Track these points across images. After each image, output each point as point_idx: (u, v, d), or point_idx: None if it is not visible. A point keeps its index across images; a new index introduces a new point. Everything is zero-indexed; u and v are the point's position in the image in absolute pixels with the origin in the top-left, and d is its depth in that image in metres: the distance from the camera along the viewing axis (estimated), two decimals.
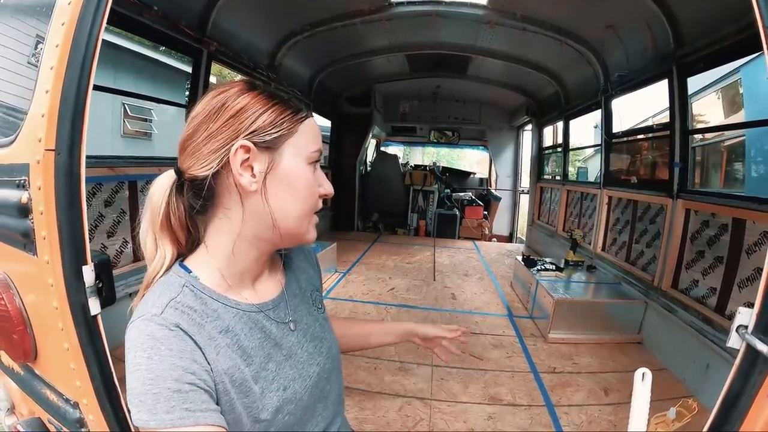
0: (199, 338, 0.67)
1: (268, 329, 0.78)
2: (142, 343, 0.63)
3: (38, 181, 0.88)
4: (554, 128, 6.43)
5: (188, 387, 0.62)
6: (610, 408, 2.35)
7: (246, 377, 0.71)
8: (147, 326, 0.64)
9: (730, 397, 0.78)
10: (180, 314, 0.67)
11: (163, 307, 0.67)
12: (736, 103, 6.92)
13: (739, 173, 6.89)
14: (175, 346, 0.64)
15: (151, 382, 0.61)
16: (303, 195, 0.74)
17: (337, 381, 0.92)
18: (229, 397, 0.69)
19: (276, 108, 0.72)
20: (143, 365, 0.61)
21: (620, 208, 4.08)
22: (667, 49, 3.13)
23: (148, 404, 0.60)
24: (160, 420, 0.60)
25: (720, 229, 2.65)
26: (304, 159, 0.74)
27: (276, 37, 4.50)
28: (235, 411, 0.70)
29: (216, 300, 0.73)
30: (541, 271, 3.85)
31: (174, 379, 0.61)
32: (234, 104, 0.70)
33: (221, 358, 0.69)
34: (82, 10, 0.85)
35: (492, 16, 4.21)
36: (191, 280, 0.73)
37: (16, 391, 1.36)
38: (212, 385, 0.67)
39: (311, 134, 0.76)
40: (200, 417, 0.62)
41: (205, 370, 0.66)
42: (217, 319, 0.71)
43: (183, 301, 0.69)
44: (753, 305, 0.77)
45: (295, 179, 0.74)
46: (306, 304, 0.89)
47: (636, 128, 5.35)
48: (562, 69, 5.15)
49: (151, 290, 0.71)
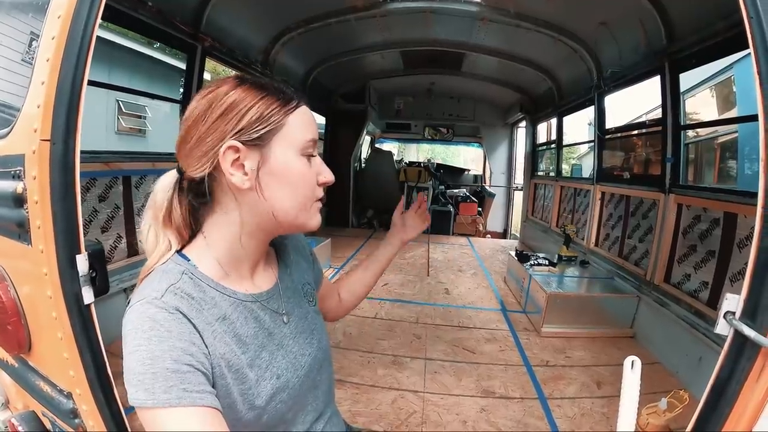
0: (198, 322, 0.68)
1: (262, 319, 0.79)
2: (142, 324, 0.64)
3: (33, 171, 0.89)
4: (548, 125, 6.47)
5: (186, 368, 0.63)
6: (603, 401, 2.37)
7: (242, 364, 0.73)
8: (147, 309, 0.65)
9: (719, 383, 0.80)
10: (179, 299, 0.68)
11: (163, 291, 0.68)
12: (729, 100, 6.95)
13: (732, 170, 6.93)
14: (175, 328, 0.65)
15: (150, 362, 0.61)
16: (298, 187, 0.75)
17: (327, 372, 0.93)
18: (225, 382, 0.70)
19: (264, 102, 0.72)
20: (143, 346, 0.62)
21: (613, 204, 4.11)
22: (660, 46, 3.15)
23: (146, 383, 0.61)
24: (158, 399, 0.61)
25: (712, 223, 2.68)
26: (296, 151, 0.74)
27: (270, 33, 4.49)
28: (230, 396, 0.71)
29: (213, 288, 0.74)
30: (534, 266, 3.88)
31: (173, 359, 0.62)
32: (221, 104, 0.71)
33: (218, 344, 0.70)
34: (78, 3, 0.86)
35: (486, 12, 4.23)
36: (190, 268, 0.74)
37: (9, 384, 1.36)
38: (209, 369, 0.68)
39: (302, 124, 0.75)
40: (197, 398, 0.62)
41: (203, 353, 0.67)
42: (214, 306, 0.73)
43: (182, 287, 0.70)
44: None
45: (288, 172, 0.74)
46: (297, 297, 0.91)
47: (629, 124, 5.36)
48: (556, 66, 5.17)
49: (150, 277, 0.72)
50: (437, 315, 3.59)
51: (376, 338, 3.05)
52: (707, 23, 2.64)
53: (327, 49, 5.51)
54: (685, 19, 2.90)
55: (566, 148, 5.99)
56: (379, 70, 6.88)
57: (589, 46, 4.18)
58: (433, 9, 4.31)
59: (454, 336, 3.16)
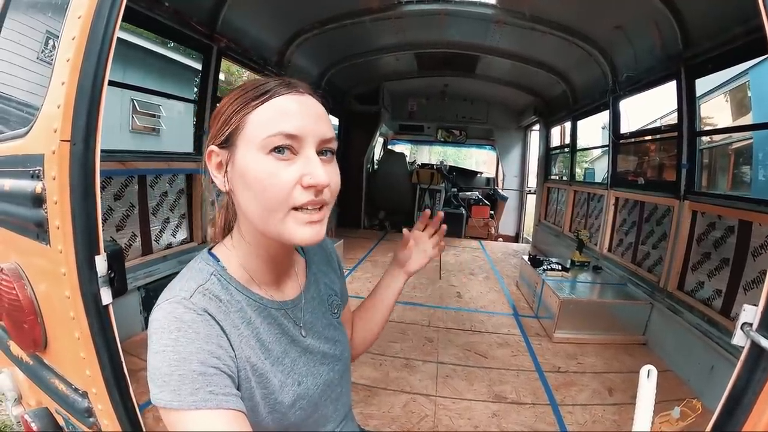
0: (225, 325, 0.68)
1: (286, 327, 0.79)
2: (169, 325, 0.64)
3: (53, 171, 0.89)
4: (562, 128, 6.41)
5: (213, 371, 0.63)
6: (614, 408, 2.35)
7: (266, 368, 0.73)
8: (175, 309, 0.65)
9: (734, 395, 0.78)
10: (208, 300, 0.68)
11: (192, 291, 0.68)
12: (744, 105, 6.86)
13: (746, 176, 6.82)
14: (202, 330, 0.65)
15: (177, 364, 0.61)
16: (257, 190, 0.66)
17: (347, 383, 0.93)
18: (249, 385, 0.70)
19: (234, 102, 0.70)
20: (170, 346, 0.62)
21: (627, 209, 4.07)
22: (676, 50, 3.11)
23: (172, 385, 0.61)
24: (184, 401, 0.60)
25: (726, 230, 2.64)
26: (256, 150, 0.66)
27: (285, 35, 4.51)
28: (253, 399, 0.71)
29: (240, 292, 0.74)
30: (547, 270, 3.84)
31: (200, 362, 0.62)
32: (215, 112, 0.73)
33: (244, 347, 0.70)
34: (99, 3, 0.87)
35: (501, 15, 4.21)
36: (219, 269, 0.74)
37: (23, 381, 1.38)
38: (235, 371, 0.68)
39: (268, 119, 0.66)
40: (222, 400, 0.62)
41: (230, 356, 0.67)
42: (240, 310, 0.72)
43: (210, 289, 0.70)
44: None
45: (245, 174, 0.67)
46: (322, 308, 0.90)
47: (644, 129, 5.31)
48: (570, 69, 5.13)
49: (180, 276, 0.73)
50: (449, 318, 3.58)
51: (388, 341, 3.04)
52: (724, 28, 2.60)
53: (341, 51, 5.53)
54: (702, 24, 2.86)
55: (580, 152, 5.93)
56: (393, 72, 6.88)
57: (604, 49, 4.14)
58: (448, 11, 4.31)
59: (466, 340, 3.15)
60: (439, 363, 2.76)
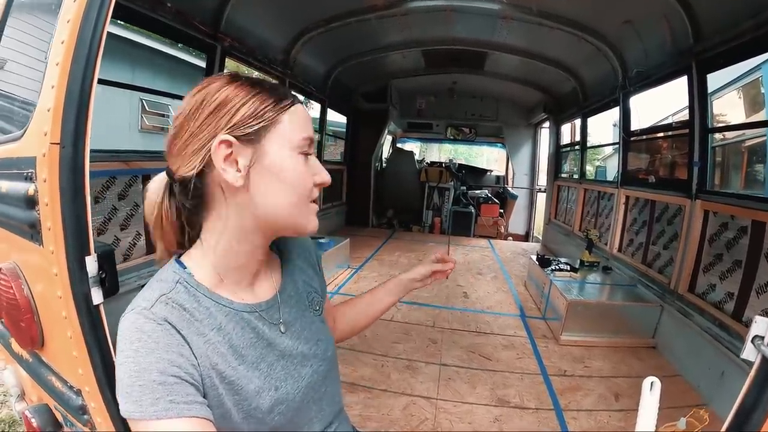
0: (188, 333, 0.68)
1: (261, 330, 0.78)
2: (131, 335, 0.64)
3: (44, 174, 0.90)
4: (572, 126, 6.35)
5: (173, 380, 0.63)
6: (621, 414, 2.31)
7: (237, 375, 0.72)
8: (136, 319, 0.65)
9: (743, 412, 0.74)
10: (170, 309, 0.68)
11: (153, 301, 0.68)
12: (757, 102, 6.73)
13: (760, 175, 6.70)
14: (162, 340, 0.65)
15: (137, 375, 0.62)
16: (292, 185, 0.72)
17: (333, 382, 0.91)
18: (217, 392, 0.69)
19: (257, 98, 0.70)
20: (131, 357, 0.63)
21: (637, 208, 4.01)
22: (686, 45, 3.05)
23: (134, 396, 0.61)
24: (146, 411, 0.61)
25: (739, 231, 2.58)
26: (290, 148, 0.72)
27: (290, 33, 4.52)
28: (223, 406, 0.70)
29: (209, 298, 0.73)
30: (555, 271, 3.80)
31: (159, 371, 0.62)
32: (213, 99, 0.69)
33: (211, 354, 0.69)
34: (87, 7, 0.87)
35: (508, 10, 4.16)
36: (185, 276, 0.73)
37: (26, 378, 1.40)
38: (199, 379, 0.67)
39: (298, 122, 0.73)
40: (184, 409, 0.62)
41: (192, 364, 0.66)
42: (209, 316, 0.72)
43: (174, 298, 0.69)
44: None
45: (282, 170, 0.71)
46: (301, 306, 0.88)
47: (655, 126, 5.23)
48: (580, 65, 5.08)
49: (147, 286, 0.72)
50: (454, 319, 3.55)
51: (392, 341, 3.03)
52: (735, 22, 2.54)
53: (348, 49, 5.53)
54: (713, 18, 2.80)
55: (590, 149, 5.87)
56: (400, 70, 6.86)
57: (613, 44, 4.09)
58: (455, 7, 4.28)
59: (471, 341, 3.13)
60: (442, 365, 2.74)
